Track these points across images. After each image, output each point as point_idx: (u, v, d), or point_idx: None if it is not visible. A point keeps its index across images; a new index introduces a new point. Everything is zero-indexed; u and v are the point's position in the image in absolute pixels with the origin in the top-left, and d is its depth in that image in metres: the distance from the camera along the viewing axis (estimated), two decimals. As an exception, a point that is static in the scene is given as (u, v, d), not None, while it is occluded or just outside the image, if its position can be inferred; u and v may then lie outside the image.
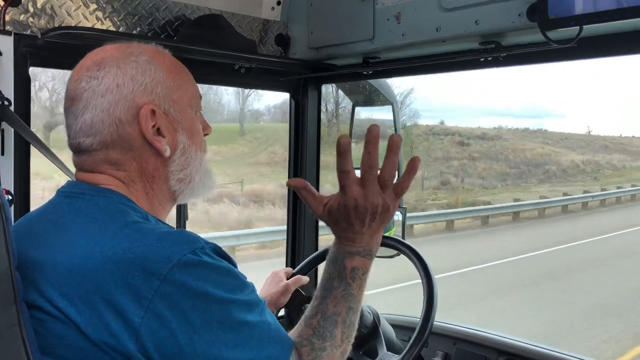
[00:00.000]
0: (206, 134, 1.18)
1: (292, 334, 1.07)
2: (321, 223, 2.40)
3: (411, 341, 1.46)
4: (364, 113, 2.45)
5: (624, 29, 1.44)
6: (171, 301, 0.89)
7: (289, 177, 2.34)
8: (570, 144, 47.59)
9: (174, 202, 1.15)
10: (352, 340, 1.09)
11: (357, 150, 1.07)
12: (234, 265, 1.00)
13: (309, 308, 1.09)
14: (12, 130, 1.50)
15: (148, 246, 0.92)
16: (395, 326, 1.82)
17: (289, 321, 2.28)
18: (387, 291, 8.67)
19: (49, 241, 0.98)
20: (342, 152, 1.01)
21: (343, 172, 1.02)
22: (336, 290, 1.07)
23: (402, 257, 1.71)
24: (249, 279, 1.02)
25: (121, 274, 0.89)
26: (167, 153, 1.07)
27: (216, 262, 0.95)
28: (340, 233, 1.08)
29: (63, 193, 1.07)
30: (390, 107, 2.35)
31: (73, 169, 1.12)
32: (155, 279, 0.89)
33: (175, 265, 0.90)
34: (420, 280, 1.54)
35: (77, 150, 1.06)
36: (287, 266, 2.31)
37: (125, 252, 0.91)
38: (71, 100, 1.05)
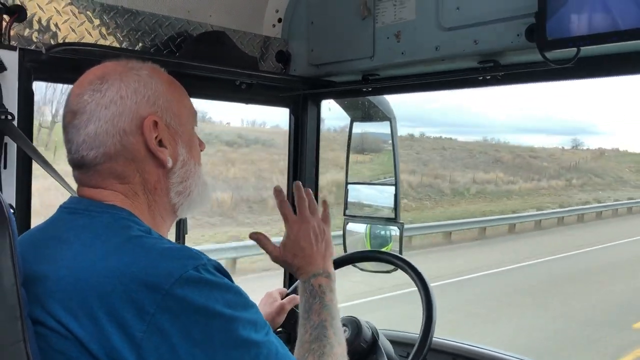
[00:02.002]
0: (201, 150, 1.20)
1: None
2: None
3: (411, 356, 1.46)
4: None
5: (621, 50, 1.47)
6: (172, 315, 0.89)
7: (287, 190, 2.35)
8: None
9: (175, 216, 1.15)
10: (344, 344, 1.21)
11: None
12: (233, 283, 0.99)
13: (298, 336, 1.20)
14: (15, 144, 1.51)
15: (151, 261, 0.93)
16: (393, 342, 1.82)
17: (287, 335, 2.29)
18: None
19: (52, 256, 0.98)
20: (278, 200, 1.36)
21: (282, 213, 1.35)
22: (314, 305, 1.23)
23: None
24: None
25: (124, 288, 0.89)
26: (170, 164, 1.08)
27: (218, 279, 0.95)
28: (299, 264, 1.30)
29: (66, 209, 1.08)
30: (388, 122, 2.36)
31: (74, 185, 1.13)
32: (158, 294, 0.89)
33: (177, 281, 0.90)
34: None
35: (80, 164, 1.06)
36: (283, 285, 2.30)
37: (128, 266, 0.91)
38: (73, 114, 1.05)
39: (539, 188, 37.03)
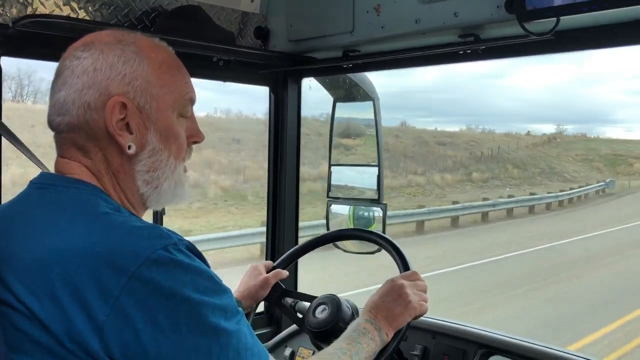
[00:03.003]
0: (196, 142, 1.14)
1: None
2: (301, 218, 2.40)
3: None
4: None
5: (601, 22, 1.46)
6: (138, 299, 0.86)
7: (268, 172, 2.32)
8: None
9: (145, 207, 1.10)
10: None
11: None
12: (207, 265, 0.96)
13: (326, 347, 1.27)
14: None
15: (117, 240, 0.89)
16: None
17: (268, 317, 2.27)
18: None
19: (16, 234, 0.95)
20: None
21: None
22: (351, 335, 1.28)
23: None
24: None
25: (88, 269, 0.86)
26: (132, 150, 1.02)
27: (189, 260, 0.91)
28: (373, 301, 1.37)
29: (35, 185, 1.05)
30: (371, 102, 2.34)
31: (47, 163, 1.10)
32: (123, 276, 0.85)
33: (144, 262, 0.87)
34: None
35: (51, 128, 1.06)
36: (266, 257, 2.29)
37: (94, 246, 0.88)
38: (55, 76, 1.04)
39: (409, 185, 30.05)
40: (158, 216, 1.95)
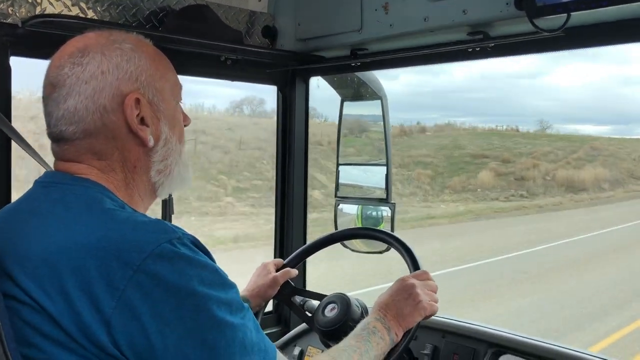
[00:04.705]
0: (186, 125, 1.17)
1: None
2: (309, 215, 2.39)
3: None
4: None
5: (612, 18, 1.44)
6: (143, 293, 0.86)
7: (276, 170, 2.32)
8: None
9: (155, 196, 1.13)
10: None
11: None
12: (213, 260, 0.97)
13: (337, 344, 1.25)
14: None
15: (123, 235, 0.90)
16: None
17: (277, 316, 2.27)
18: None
19: (23, 231, 0.96)
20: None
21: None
22: (360, 333, 1.27)
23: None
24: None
25: (95, 264, 0.87)
26: (151, 143, 1.05)
27: (194, 254, 0.92)
28: (382, 301, 1.36)
29: (40, 183, 1.05)
30: (379, 101, 2.33)
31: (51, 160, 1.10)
32: (129, 269, 0.86)
33: (149, 256, 0.87)
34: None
35: (59, 138, 1.04)
36: (274, 255, 2.29)
37: (100, 240, 0.89)
38: (52, 87, 1.02)
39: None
40: (167, 214, 1.96)
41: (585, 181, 27.55)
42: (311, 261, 2.00)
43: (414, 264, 1.52)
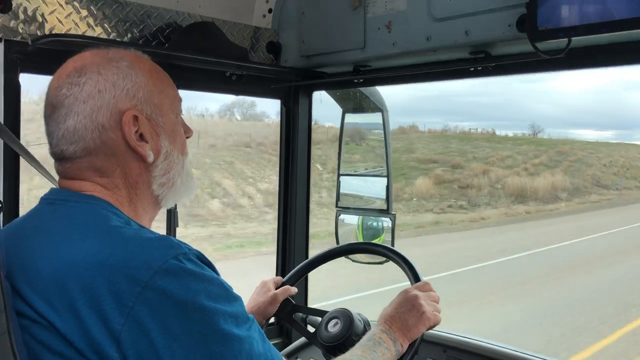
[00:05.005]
0: (188, 137, 1.18)
1: None
2: (311, 231, 2.41)
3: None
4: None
5: (613, 41, 1.46)
6: (152, 308, 0.88)
7: (279, 182, 2.34)
8: None
9: (158, 207, 1.14)
10: None
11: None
12: (217, 274, 0.98)
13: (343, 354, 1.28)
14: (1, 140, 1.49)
15: (130, 252, 0.91)
16: None
17: (279, 328, 2.29)
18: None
19: (32, 248, 0.98)
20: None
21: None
22: (366, 344, 1.30)
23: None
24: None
25: (104, 281, 0.88)
26: (151, 159, 1.07)
27: (199, 269, 0.94)
28: (387, 313, 1.38)
29: (46, 200, 1.07)
30: (380, 114, 2.35)
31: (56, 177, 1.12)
32: (137, 286, 0.88)
33: (156, 272, 0.89)
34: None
35: (60, 157, 1.06)
36: (276, 273, 2.30)
37: (108, 258, 0.90)
38: (52, 108, 1.04)
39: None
40: (172, 227, 1.98)
41: (539, 190, 25.01)
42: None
43: (414, 276, 1.54)
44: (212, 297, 0.92)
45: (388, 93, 2.38)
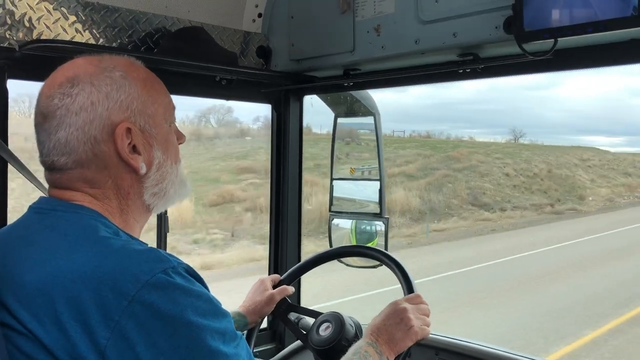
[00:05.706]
0: (180, 143, 1.17)
1: None
2: (303, 231, 2.41)
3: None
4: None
5: (599, 42, 1.47)
6: (138, 323, 0.86)
7: (271, 188, 2.34)
8: None
9: (149, 214, 1.14)
10: None
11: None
12: (206, 288, 0.97)
13: None
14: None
15: (117, 264, 0.90)
16: None
17: (272, 333, 2.28)
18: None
19: (18, 258, 0.96)
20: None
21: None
22: (351, 358, 1.29)
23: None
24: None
25: (90, 293, 0.87)
26: (143, 171, 1.06)
27: (188, 284, 0.92)
28: (375, 324, 1.37)
29: (34, 209, 1.06)
30: (372, 117, 2.36)
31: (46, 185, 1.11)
32: (124, 300, 0.87)
33: (144, 286, 0.88)
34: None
35: (51, 168, 1.05)
36: (268, 272, 2.30)
37: (95, 270, 0.89)
38: (43, 117, 1.02)
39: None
40: (162, 232, 1.97)
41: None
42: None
43: (408, 286, 1.53)
44: (200, 312, 0.91)
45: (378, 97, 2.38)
